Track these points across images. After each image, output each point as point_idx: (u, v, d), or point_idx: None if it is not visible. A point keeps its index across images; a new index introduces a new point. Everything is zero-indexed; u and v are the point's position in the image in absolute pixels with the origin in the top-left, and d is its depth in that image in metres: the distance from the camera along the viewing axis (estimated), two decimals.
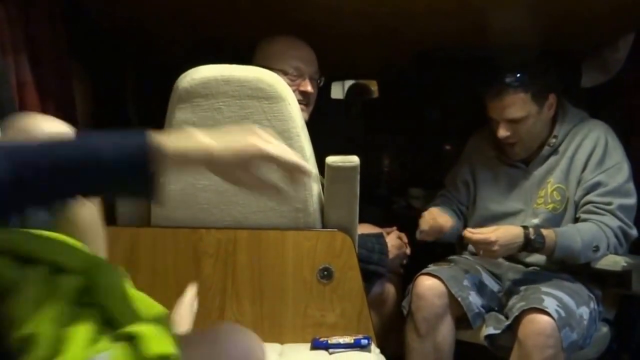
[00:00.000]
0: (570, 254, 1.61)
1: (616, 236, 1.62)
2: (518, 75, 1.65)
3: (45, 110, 1.60)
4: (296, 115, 1.45)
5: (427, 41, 1.95)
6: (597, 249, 1.59)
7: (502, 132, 1.70)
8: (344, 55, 2.08)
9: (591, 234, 1.61)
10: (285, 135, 1.43)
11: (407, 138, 2.64)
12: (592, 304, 1.61)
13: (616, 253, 1.62)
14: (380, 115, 2.60)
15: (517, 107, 1.66)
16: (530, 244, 1.59)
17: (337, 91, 2.86)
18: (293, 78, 1.69)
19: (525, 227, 1.62)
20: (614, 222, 1.62)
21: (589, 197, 1.66)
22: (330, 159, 1.45)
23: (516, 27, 1.71)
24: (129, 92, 2.24)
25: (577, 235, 1.61)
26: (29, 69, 1.54)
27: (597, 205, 1.64)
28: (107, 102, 2.07)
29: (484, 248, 1.60)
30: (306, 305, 1.49)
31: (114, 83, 2.16)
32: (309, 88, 1.71)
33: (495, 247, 1.58)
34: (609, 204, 1.63)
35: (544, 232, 1.61)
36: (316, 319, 1.49)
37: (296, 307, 1.49)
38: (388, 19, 1.74)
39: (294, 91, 1.55)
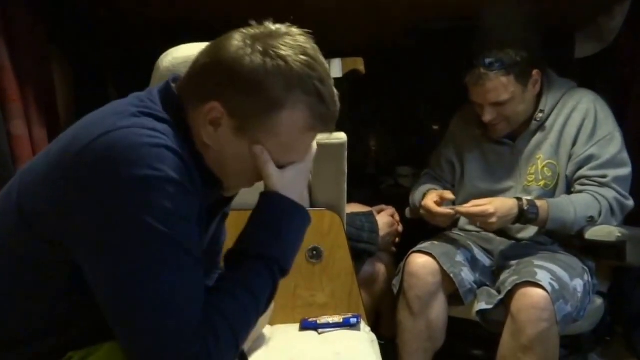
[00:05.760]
0: (562, 226, 1.59)
1: (611, 207, 1.60)
2: (497, 57, 1.59)
3: (24, 94, 1.57)
4: None
5: (413, 14, 1.91)
6: (591, 219, 1.58)
7: (488, 117, 1.66)
8: (329, 32, 2.03)
9: (586, 204, 1.59)
10: None
11: (395, 116, 2.61)
12: (586, 276, 1.60)
13: (609, 224, 1.60)
14: (367, 94, 2.57)
15: (500, 90, 1.61)
16: (524, 215, 1.58)
17: None
18: None
19: (518, 199, 1.60)
20: (610, 194, 1.60)
21: (583, 172, 1.63)
22: (318, 137, 1.42)
23: None
24: (109, 76, 2.20)
25: (570, 206, 1.59)
26: (7, 53, 1.51)
27: (592, 179, 1.62)
28: (88, 86, 2.03)
29: (482, 221, 1.58)
30: (295, 286, 1.48)
31: (93, 67, 2.12)
32: None
33: (493, 219, 1.56)
34: (604, 176, 1.61)
35: (538, 203, 1.59)
36: (306, 299, 1.48)
37: (285, 287, 1.46)
38: None
39: None
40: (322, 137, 1.41)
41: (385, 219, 1.76)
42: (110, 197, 0.73)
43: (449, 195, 1.69)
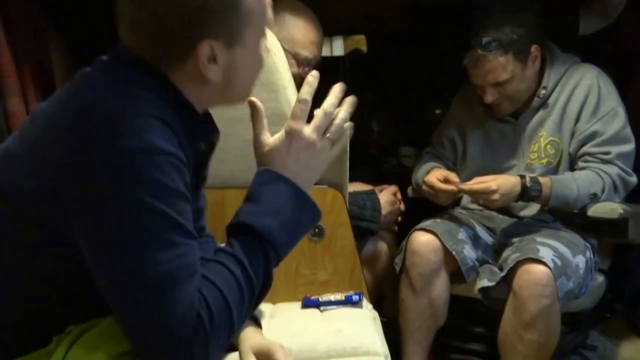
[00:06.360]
0: (565, 203, 1.59)
1: (614, 184, 1.59)
2: (494, 37, 1.56)
3: (20, 72, 1.54)
4: (282, 67, 1.39)
5: None
6: (594, 196, 1.57)
7: (489, 98, 1.64)
8: (331, 10, 2.00)
9: (589, 181, 1.58)
10: (272, 88, 1.38)
11: (398, 96, 2.59)
12: (588, 253, 1.60)
13: (612, 201, 1.60)
14: (369, 73, 2.54)
15: (499, 71, 1.59)
16: (526, 192, 1.57)
17: (326, 48, 2.78)
18: (303, 65, 1.62)
19: (522, 176, 1.59)
20: (614, 170, 1.59)
21: (586, 149, 1.62)
22: (318, 112, 1.40)
23: None
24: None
25: (573, 183, 1.58)
26: (2, 29, 1.49)
27: (595, 155, 1.61)
28: (86, 65, 2.00)
29: (484, 198, 1.57)
30: (297, 264, 1.47)
31: (92, 47, 2.09)
32: None
33: (496, 196, 1.55)
34: (607, 153, 1.60)
35: (541, 180, 1.58)
36: (308, 277, 1.48)
37: (287, 266, 1.46)
38: None
39: (294, 75, 1.49)
40: None
41: (387, 197, 1.74)
42: (97, 173, 0.71)
43: (454, 177, 1.68)
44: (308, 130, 0.85)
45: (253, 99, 0.88)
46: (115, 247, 0.71)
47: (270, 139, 0.86)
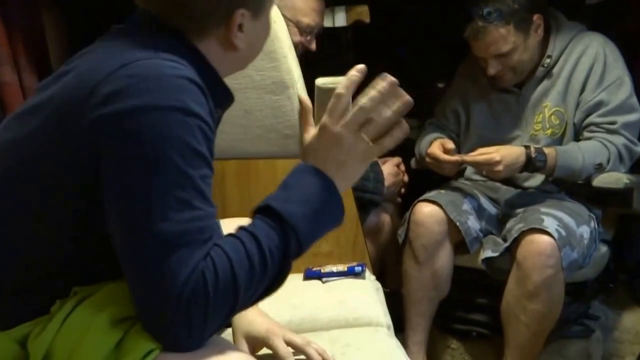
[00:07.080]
0: (570, 173, 1.57)
1: (620, 154, 1.57)
2: (495, 7, 1.52)
3: (12, 43, 1.51)
4: (282, 35, 1.35)
5: None
6: (599, 166, 1.55)
7: (492, 70, 1.61)
8: None
9: (594, 151, 1.56)
10: (272, 57, 1.34)
11: (401, 67, 2.54)
12: (592, 223, 1.59)
13: (618, 171, 1.58)
14: (372, 43, 2.49)
15: (500, 42, 1.55)
16: (531, 163, 1.55)
17: (328, 20, 2.73)
18: (305, 33, 1.59)
19: (526, 147, 1.57)
20: (619, 140, 1.57)
21: (591, 119, 1.60)
22: (320, 81, 1.35)
23: None
24: (104, 22, 2.12)
25: (578, 153, 1.56)
26: None
27: (601, 125, 1.59)
28: (81, 33, 1.95)
29: (488, 169, 1.55)
30: None
31: (87, 13, 2.04)
32: (313, 46, 1.61)
33: (500, 167, 1.53)
34: (613, 123, 1.57)
35: (546, 150, 1.56)
36: (309, 249, 1.46)
37: None
38: None
39: (296, 44, 1.45)
40: (325, 81, 1.37)
41: (390, 168, 1.72)
42: (129, 125, 0.70)
43: (450, 145, 1.66)
44: (337, 125, 0.80)
45: (303, 96, 0.87)
46: (135, 199, 0.71)
47: (310, 134, 0.85)
